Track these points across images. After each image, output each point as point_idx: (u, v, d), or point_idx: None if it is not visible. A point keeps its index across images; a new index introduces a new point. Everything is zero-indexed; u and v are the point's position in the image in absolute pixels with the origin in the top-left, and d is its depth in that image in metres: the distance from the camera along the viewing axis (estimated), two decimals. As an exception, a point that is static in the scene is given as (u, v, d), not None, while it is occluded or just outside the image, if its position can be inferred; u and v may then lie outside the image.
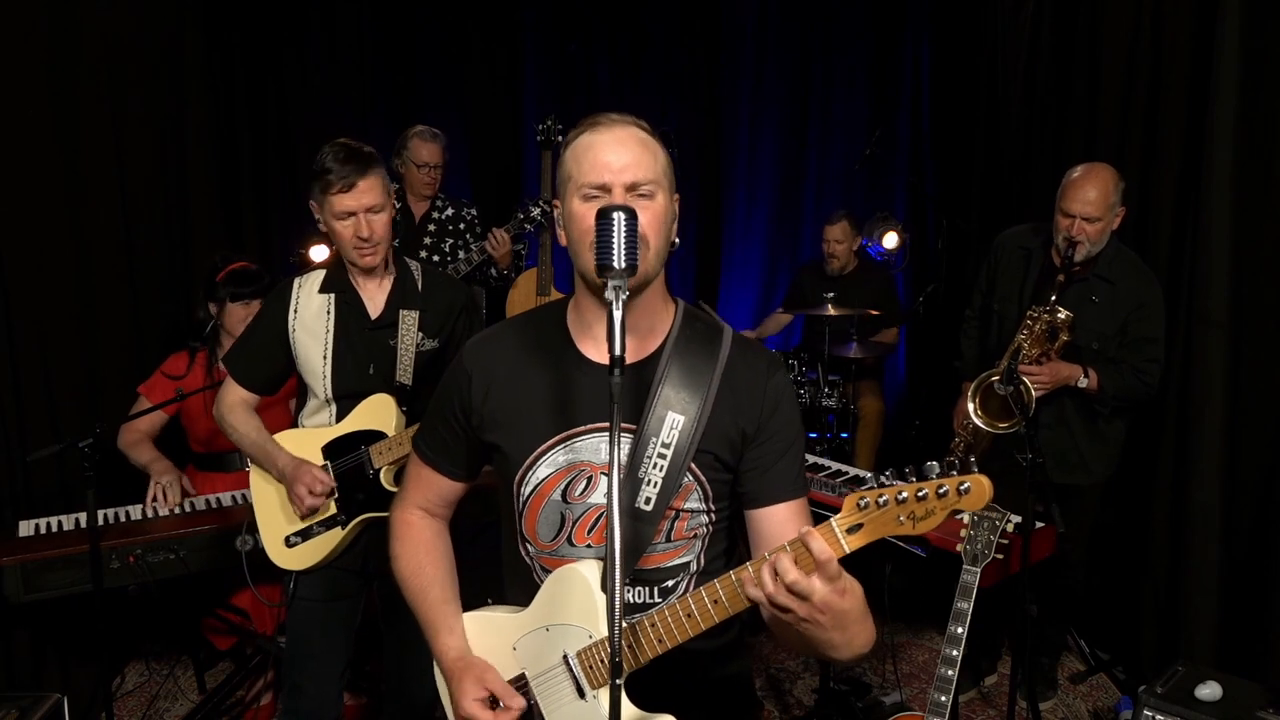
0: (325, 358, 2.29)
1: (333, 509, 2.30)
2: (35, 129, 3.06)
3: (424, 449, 1.62)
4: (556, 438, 1.43)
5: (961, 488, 1.17)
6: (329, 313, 2.30)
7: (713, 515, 1.47)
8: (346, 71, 4.99)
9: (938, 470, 1.19)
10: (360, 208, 2.17)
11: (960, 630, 2.28)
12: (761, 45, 6.01)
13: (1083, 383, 2.98)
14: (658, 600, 1.47)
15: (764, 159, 6.13)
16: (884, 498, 1.20)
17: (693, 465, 1.42)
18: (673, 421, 1.40)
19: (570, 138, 1.42)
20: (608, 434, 1.41)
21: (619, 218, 1.22)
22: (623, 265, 1.21)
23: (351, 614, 2.42)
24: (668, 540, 1.45)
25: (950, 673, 2.27)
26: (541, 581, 1.49)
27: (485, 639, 1.53)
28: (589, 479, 1.43)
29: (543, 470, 1.45)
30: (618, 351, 1.17)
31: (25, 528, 2.84)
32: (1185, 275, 3.07)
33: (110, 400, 3.33)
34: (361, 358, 2.30)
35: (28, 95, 3.03)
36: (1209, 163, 2.93)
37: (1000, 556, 2.34)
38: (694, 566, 1.49)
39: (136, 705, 3.23)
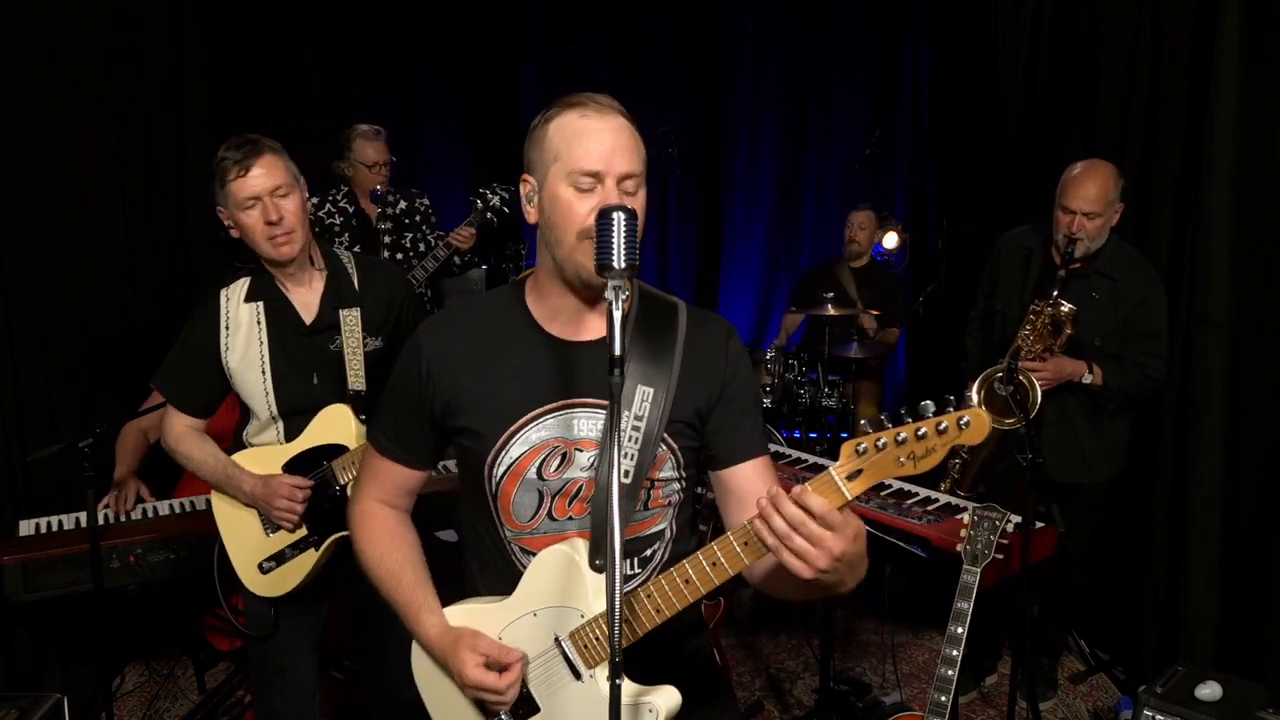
0: (264, 373, 2.13)
1: (303, 531, 2.17)
2: (35, 129, 3.06)
3: (382, 441, 1.57)
4: (528, 415, 1.43)
5: (962, 422, 1.14)
6: (259, 323, 2.14)
7: (683, 482, 1.51)
8: (346, 71, 5.00)
9: (933, 409, 1.17)
10: (263, 190, 2.03)
11: (960, 630, 2.28)
12: (761, 45, 6.01)
13: (1087, 379, 2.98)
14: (638, 570, 1.49)
15: (764, 159, 6.14)
16: (882, 440, 1.17)
17: (666, 435, 1.44)
18: (643, 394, 1.42)
19: (552, 114, 1.40)
20: (580, 410, 1.43)
21: (619, 218, 1.22)
22: (623, 265, 1.21)
23: (315, 626, 2.31)
24: (645, 509, 1.47)
25: (950, 673, 2.27)
26: (521, 564, 1.48)
27: None
28: (564, 455, 1.43)
29: (516, 449, 1.43)
30: (618, 351, 1.17)
31: (25, 527, 2.83)
32: (1185, 275, 3.07)
33: (110, 400, 3.33)
34: (302, 368, 2.15)
35: (28, 95, 3.03)
36: (1209, 163, 2.92)
37: (1000, 556, 2.34)
38: (668, 534, 1.52)
39: (136, 705, 3.23)
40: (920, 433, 1.16)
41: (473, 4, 5.51)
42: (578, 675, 1.42)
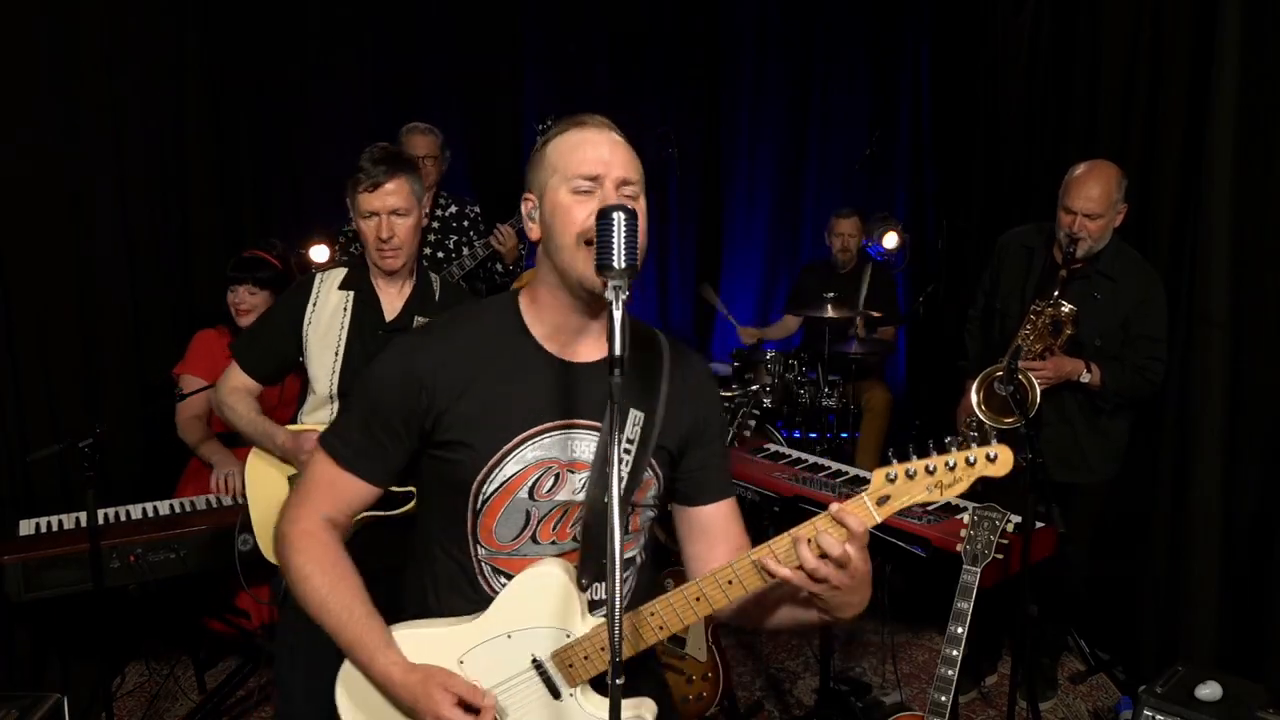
0: (337, 354, 2.31)
1: None
2: (35, 128, 3.06)
3: (342, 450, 1.46)
4: (526, 433, 1.41)
5: (990, 455, 1.24)
6: (345, 310, 2.32)
7: (656, 509, 1.53)
8: (346, 72, 5.00)
9: (958, 443, 1.27)
10: (384, 209, 2.22)
11: (960, 630, 2.28)
12: (761, 45, 6.02)
13: (1085, 378, 2.99)
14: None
15: (764, 159, 6.14)
16: (912, 469, 1.26)
17: (652, 460, 1.46)
18: (635, 418, 1.43)
19: (551, 135, 1.44)
20: (577, 431, 1.43)
21: (619, 218, 1.21)
22: (623, 265, 1.21)
23: None
24: (626, 533, 1.47)
25: (950, 673, 2.27)
26: (490, 585, 1.44)
27: (422, 657, 1.40)
28: (556, 476, 1.42)
29: (510, 467, 1.40)
30: (618, 351, 1.17)
31: (26, 527, 2.84)
32: (1185, 275, 3.07)
33: (110, 400, 3.33)
34: (371, 358, 2.31)
35: (28, 94, 3.03)
36: (1209, 163, 2.92)
37: (1000, 556, 2.34)
38: (639, 559, 1.53)
39: (136, 705, 3.22)
40: (950, 464, 1.26)
41: (473, 4, 5.51)
42: (556, 695, 1.40)
